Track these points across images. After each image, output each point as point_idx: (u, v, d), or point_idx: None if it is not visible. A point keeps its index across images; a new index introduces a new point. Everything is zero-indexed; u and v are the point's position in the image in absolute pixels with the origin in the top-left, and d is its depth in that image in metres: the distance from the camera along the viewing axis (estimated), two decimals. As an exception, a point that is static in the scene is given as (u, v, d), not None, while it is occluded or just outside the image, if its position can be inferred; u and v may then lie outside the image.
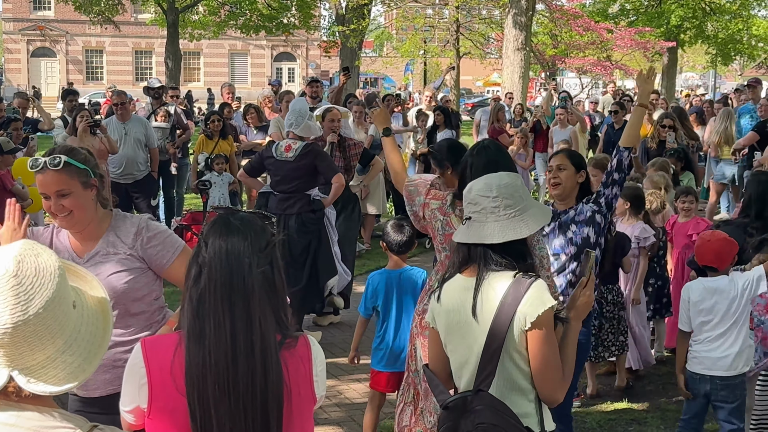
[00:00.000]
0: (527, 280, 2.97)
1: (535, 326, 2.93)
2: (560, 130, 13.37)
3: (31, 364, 1.78)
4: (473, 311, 3.02)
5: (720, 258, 5.03)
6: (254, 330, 2.36)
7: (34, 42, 60.35)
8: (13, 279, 1.76)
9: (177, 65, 31.64)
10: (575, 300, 3.15)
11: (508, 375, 3.02)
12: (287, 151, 7.43)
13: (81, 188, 3.38)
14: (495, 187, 3.10)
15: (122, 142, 10.10)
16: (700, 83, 61.87)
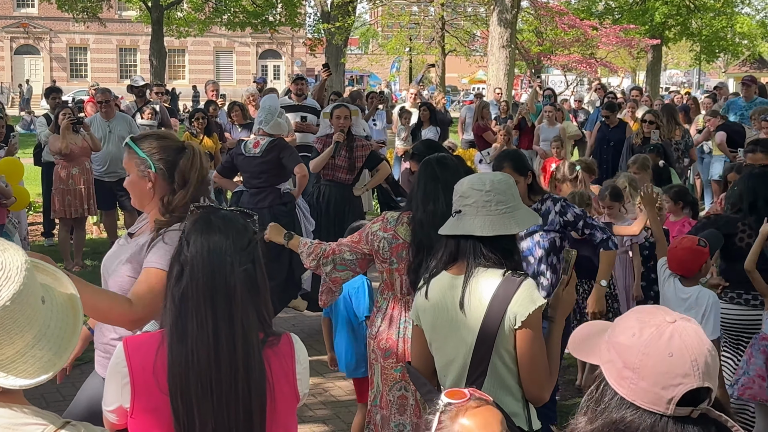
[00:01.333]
0: (517, 279, 2.96)
1: (525, 325, 2.93)
2: (548, 128, 13.36)
3: (1, 358, 1.77)
4: (461, 307, 3.01)
5: (684, 267, 4.94)
6: (236, 328, 2.35)
7: (18, 39, 59.92)
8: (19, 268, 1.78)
9: (162, 63, 31.53)
10: (558, 298, 3.16)
11: (497, 374, 3.02)
12: (255, 147, 7.59)
13: (136, 174, 3.33)
14: (489, 182, 3.10)
15: (106, 139, 10.07)
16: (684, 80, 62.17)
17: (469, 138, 15.91)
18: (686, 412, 1.78)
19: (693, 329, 1.84)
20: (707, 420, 1.80)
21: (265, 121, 7.66)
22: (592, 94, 19.52)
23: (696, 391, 1.78)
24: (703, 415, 1.79)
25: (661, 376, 1.78)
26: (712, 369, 1.80)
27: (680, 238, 5.11)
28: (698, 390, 1.78)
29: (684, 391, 1.77)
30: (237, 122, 12.23)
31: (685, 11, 36.18)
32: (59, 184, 9.58)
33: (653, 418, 1.79)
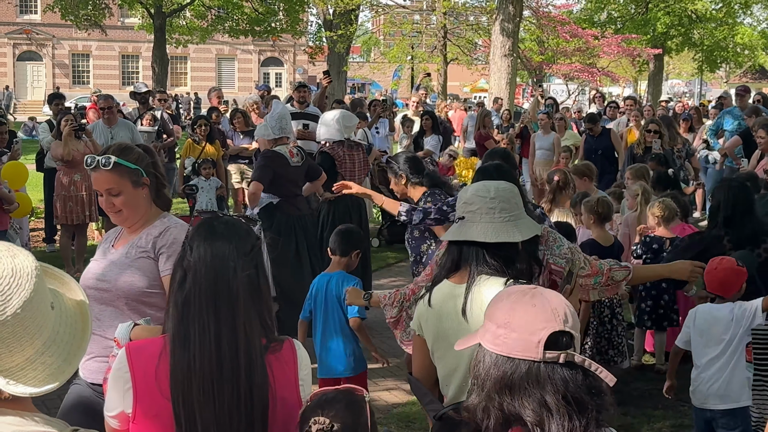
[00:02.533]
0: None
1: None
2: (543, 136, 13.34)
3: (10, 365, 1.75)
4: (464, 316, 2.99)
5: (725, 288, 5.00)
6: (239, 334, 2.35)
7: (20, 46, 60.08)
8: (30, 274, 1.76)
9: (164, 70, 31.58)
10: None
11: None
12: (293, 157, 7.54)
13: (131, 187, 3.44)
14: (493, 189, 3.10)
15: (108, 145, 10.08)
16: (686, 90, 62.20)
17: (470, 147, 15.91)
18: (555, 356, 1.98)
19: (553, 292, 2.12)
20: (574, 365, 1.99)
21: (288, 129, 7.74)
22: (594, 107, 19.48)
23: (560, 336, 2.00)
24: (571, 361, 1.99)
25: (528, 324, 2.00)
26: (572, 320, 2.04)
27: (719, 260, 5.12)
28: (561, 334, 2.00)
29: (548, 334, 1.98)
30: (239, 129, 12.24)
31: (687, 21, 36.25)
32: (61, 191, 9.58)
33: (528, 365, 1.98)
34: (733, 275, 5.00)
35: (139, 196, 3.48)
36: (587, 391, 1.99)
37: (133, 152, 3.49)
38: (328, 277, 5.39)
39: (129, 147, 3.56)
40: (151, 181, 3.51)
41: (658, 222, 6.93)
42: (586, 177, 8.16)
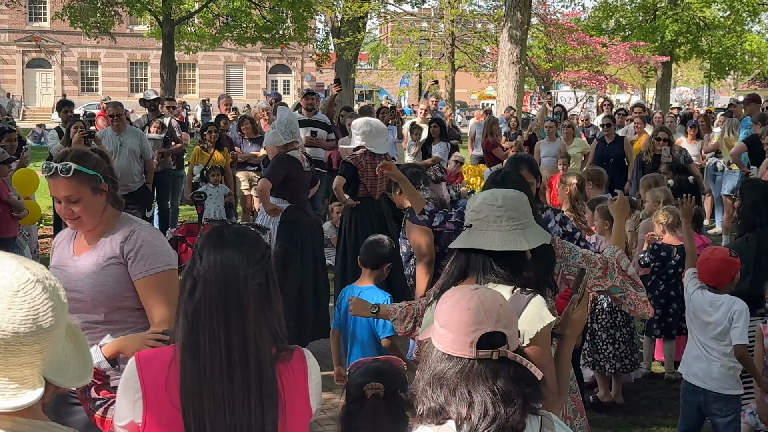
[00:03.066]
0: (526, 296, 2.94)
1: (533, 343, 2.89)
2: (548, 144, 13.29)
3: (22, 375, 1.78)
4: None
5: (717, 278, 5.01)
6: (249, 343, 2.35)
7: (30, 53, 60.36)
8: (38, 284, 1.79)
9: (172, 77, 31.67)
10: (568, 317, 3.12)
11: None
12: (304, 162, 7.63)
13: (90, 194, 3.45)
14: (501, 198, 3.10)
15: (117, 153, 10.05)
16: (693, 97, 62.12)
17: (478, 154, 15.91)
18: (487, 354, 2.21)
19: (491, 292, 2.36)
20: (507, 361, 2.22)
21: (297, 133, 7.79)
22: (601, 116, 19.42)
23: (492, 336, 2.22)
24: (504, 357, 2.21)
25: (463, 326, 2.23)
26: (505, 319, 2.27)
27: (711, 250, 5.14)
28: (494, 335, 2.22)
29: (480, 335, 2.21)
30: (247, 136, 12.24)
31: (695, 29, 36.22)
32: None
33: (463, 363, 2.22)
34: (725, 266, 5.00)
35: (98, 202, 3.48)
36: (517, 383, 2.21)
37: (91, 158, 3.50)
38: (359, 290, 5.23)
39: (86, 153, 3.55)
40: (108, 187, 3.52)
41: (663, 229, 6.91)
42: (593, 182, 8.08)
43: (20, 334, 1.74)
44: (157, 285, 3.40)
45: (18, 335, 1.74)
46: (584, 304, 3.11)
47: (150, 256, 3.43)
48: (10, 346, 1.74)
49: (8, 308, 1.74)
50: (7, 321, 1.73)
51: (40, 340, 1.77)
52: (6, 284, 1.76)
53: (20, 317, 1.74)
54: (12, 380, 1.76)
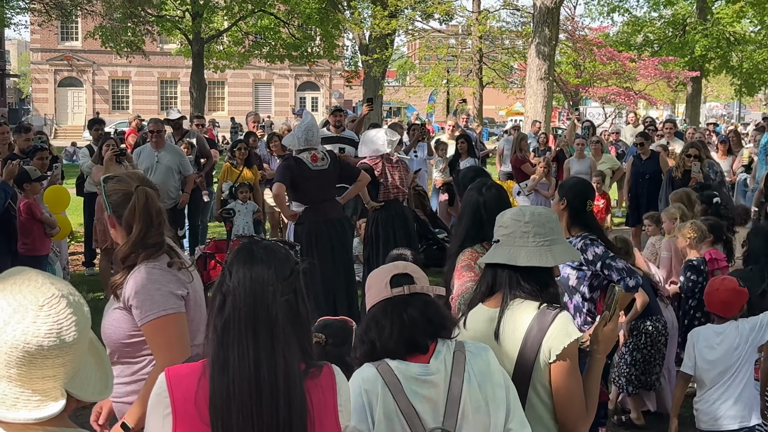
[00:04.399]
0: (552, 312, 2.94)
1: (560, 359, 2.90)
2: (577, 161, 13.21)
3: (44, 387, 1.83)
4: (496, 340, 3.00)
5: (727, 308, 4.96)
6: (278, 359, 2.34)
7: (61, 72, 61.13)
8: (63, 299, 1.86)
9: (201, 95, 31.97)
10: (598, 334, 3.11)
11: (534, 409, 2.98)
12: (316, 161, 7.61)
13: (106, 212, 3.56)
14: (528, 214, 3.11)
15: (153, 169, 10.07)
16: (724, 113, 61.65)
17: (507, 170, 15.87)
18: (400, 291, 2.71)
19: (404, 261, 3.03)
20: (418, 294, 2.71)
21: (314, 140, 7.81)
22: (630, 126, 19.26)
23: (403, 277, 2.73)
24: (415, 293, 2.71)
25: (379, 277, 2.78)
26: (411, 268, 2.79)
27: (720, 279, 5.07)
28: (404, 276, 2.74)
29: (391, 276, 2.74)
30: (276, 153, 12.31)
31: (725, 44, 35.96)
32: (101, 215, 9.67)
33: (385, 303, 2.72)
34: (735, 296, 4.96)
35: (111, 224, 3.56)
36: (425, 313, 2.70)
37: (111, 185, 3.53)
38: None
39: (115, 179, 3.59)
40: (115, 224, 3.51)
41: (690, 243, 6.84)
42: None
43: (44, 347, 1.79)
44: (153, 332, 3.38)
45: (42, 348, 1.78)
46: (615, 321, 3.10)
47: (144, 303, 3.37)
48: (34, 359, 1.78)
49: (33, 322, 1.78)
50: (32, 335, 1.78)
51: (63, 354, 1.81)
52: (32, 299, 1.81)
53: (44, 331, 1.79)
54: (35, 392, 1.80)
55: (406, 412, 2.62)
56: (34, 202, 8.22)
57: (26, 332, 1.77)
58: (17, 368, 1.78)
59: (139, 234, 3.42)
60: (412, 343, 2.68)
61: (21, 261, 7.97)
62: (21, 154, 9.62)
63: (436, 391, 2.65)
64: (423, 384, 2.64)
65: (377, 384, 2.65)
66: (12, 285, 1.84)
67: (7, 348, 1.77)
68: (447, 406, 2.64)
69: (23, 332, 1.77)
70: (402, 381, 2.63)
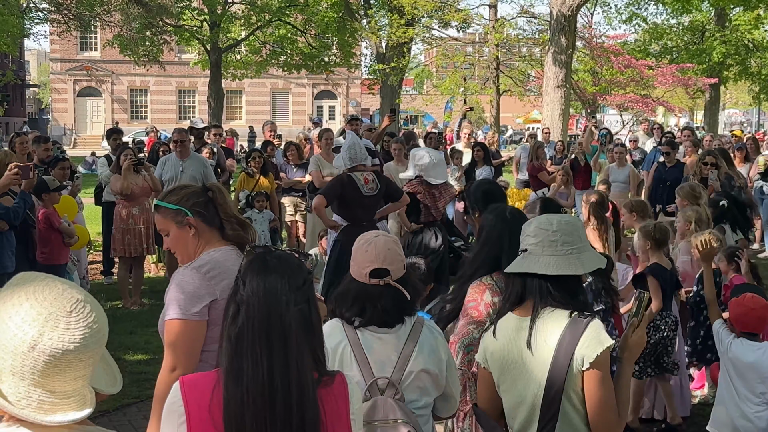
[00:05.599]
0: (584, 320, 2.95)
1: (593, 366, 2.90)
2: (617, 169, 13.06)
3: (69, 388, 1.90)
4: (528, 349, 3.01)
5: (761, 324, 4.99)
6: (291, 368, 2.36)
7: (81, 82, 61.54)
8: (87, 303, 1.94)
9: (219, 104, 32.11)
10: (627, 340, 3.11)
11: (567, 417, 2.99)
12: (367, 184, 7.78)
13: (176, 228, 3.56)
14: (556, 222, 3.12)
15: (177, 179, 10.07)
16: (743, 119, 61.27)
17: (524, 178, 15.86)
18: (377, 281, 3.23)
19: (384, 239, 3.33)
20: (390, 288, 3.22)
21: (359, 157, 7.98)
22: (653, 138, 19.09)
23: (380, 270, 3.22)
24: (388, 284, 3.22)
25: (361, 262, 3.27)
26: (390, 259, 3.25)
27: (744, 298, 5.04)
28: (381, 270, 3.22)
29: (371, 269, 3.23)
30: (293, 162, 12.35)
31: (744, 50, 35.76)
32: (120, 224, 9.74)
33: (362, 285, 3.26)
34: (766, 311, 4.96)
35: (184, 236, 3.56)
36: (396, 301, 3.23)
37: (177, 193, 3.61)
38: None
39: (176, 188, 3.67)
40: (200, 223, 3.56)
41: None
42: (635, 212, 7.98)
43: (78, 351, 1.86)
44: (166, 332, 3.44)
45: (76, 352, 1.86)
46: (643, 327, 3.10)
47: (169, 302, 3.45)
48: (70, 363, 1.85)
49: (66, 329, 1.85)
50: (68, 341, 1.85)
51: (93, 354, 1.90)
52: (59, 306, 1.87)
53: (78, 336, 1.86)
54: (68, 394, 1.88)
55: (360, 360, 3.19)
56: (53, 211, 8.28)
57: (62, 340, 1.84)
58: (53, 375, 1.85)
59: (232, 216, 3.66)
60: (383, 324, 3.25)
61: (40, 270, 8.01)
62: (40, 164, 9.70)
63: (390, 349, 3.22)
64: (380, 341, 3.23)
65: (339, 332, 3.26)
66: (35, 293, 1.88)
67: (45, 357, 1.83)
68: (398, 362, 3.20)
69: (60, 340, 1.84)
70: (360, 337, 3.23)
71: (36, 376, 1.83)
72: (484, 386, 3.29)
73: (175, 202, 3.56)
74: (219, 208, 3.62)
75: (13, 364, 1.82)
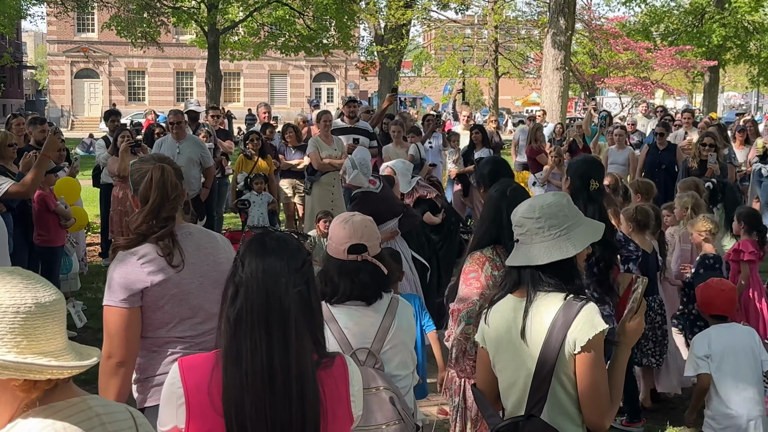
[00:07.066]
0: (578, 303, 2.93)
1: (584, 350, 2.89)
2: (617, 151, 12.96)
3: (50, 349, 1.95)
4: (522, 333, 3.00)
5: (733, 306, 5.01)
6: (291, 350, 2.35)
7: (78, 64, 61.36)
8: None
9: (217, 85, 31.99)
10: (625, 326, 3.09)
11: (557, 399, 2.98)
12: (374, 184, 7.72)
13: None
14: (538, 208, 3.08)
15: (174, 160, 10.05)
16: (742, 102, 61.22)
17: (522, 160, 15.83)
18: (354, 257, 3.40)
19: (360, 217, 3.48)
20: (368, 263, 3.40)
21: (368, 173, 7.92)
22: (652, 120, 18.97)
23: (358, 246, 3.39)
24: (366, 260, 3.39)
25: (339, 239, 3.43)
26: (367, 236, 3.43)
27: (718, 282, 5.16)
28: (358, 245, 3.39)
29: (348, 245, 3.39)
30: (291, 144, 12.32)
31: (743, 33, 35.68)
32: (117, 205, 9.72)
33: (339, 263, 3.42)
34: (735, 294, 4.99)
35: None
36: (373, 277, 3.40)
37: (134, 165, 3.66)
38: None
39: (140, 159, 3.70)
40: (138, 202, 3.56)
41: (706, 237, 6.78)
42: (640, 194, 7.98)
43: (57, 302, 1.95)
44: (103, 318, 3.41)
45: (57, 302, 1.95)
46: (641, 313, 3.08)
47: (106, 288, 3.43)
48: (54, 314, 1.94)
49: (37, 289, 1.94)
50: (46, 295, 1.94)
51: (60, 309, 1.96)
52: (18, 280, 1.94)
53: (51, 290, 1.95)
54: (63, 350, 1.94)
55: (336, 335, 3.36)
56: (48, 193, 8.25)
57: (37, 296, 1.92)
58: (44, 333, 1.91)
59: (153, 204, 3.45)
60: (363, 299, 3.41)
61: (37, 252, 8.02)
62: (36, 145, 9.67)
63: (370, 322, 3.40)
64: (358, 315, 3.41)
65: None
66: None
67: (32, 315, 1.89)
68: (378, 334, 3.39)
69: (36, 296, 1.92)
70: (335, 312, 3.40)
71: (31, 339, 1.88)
72: (482, 366, 3.30)
73: (131, 173, 3.64)
74: (145, 193, 3.57)
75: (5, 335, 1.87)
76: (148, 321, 3.41)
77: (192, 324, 3.47)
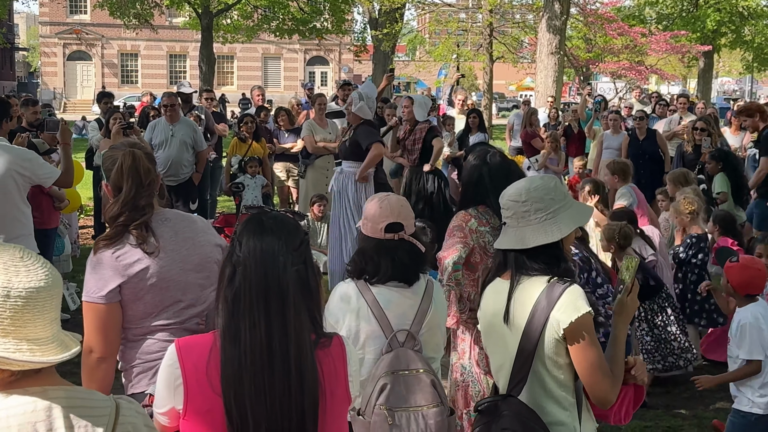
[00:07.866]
0: (561, 286, 2.93)
1: (571, 334, 2.89)
2: (612, 136, 12.80)
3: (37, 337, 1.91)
4: (506, 316, 3.01)
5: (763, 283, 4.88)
6: (289, 330, 2.34)
7: (70, 46, 61.07)
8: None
9: (211, 69, 31.87)
10: (621, 305, 3.08)
11: (542, 382, 2.99)
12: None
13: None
14: (524, 192, 3.07)
15: (168, 143, 9.97)
16: (736, 88, 61.27)
17: (516, 145, 15.82)
18: (391, 236, 3.41)
19: (395, 197, 3.55)
20: (405, 242, 3.42)
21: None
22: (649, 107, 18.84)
23: (395, 225, 3.41)
24: (402, 239, 3.41)
25: (376, 218, 3.43)
26: (404, 215, 3.45)
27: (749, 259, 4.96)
28: (395, 224, 3.41)
29: (386, 224, 3.41)
30: (284, 127, 12.28)
31: (738, 18, 35.65)
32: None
33: (376, 242, 3.43)
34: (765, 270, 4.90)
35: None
36: (411, 255, 3.43)
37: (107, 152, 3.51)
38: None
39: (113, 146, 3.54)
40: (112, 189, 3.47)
41: (692, 218, 6.76)
42: (617, 175, 7.92)
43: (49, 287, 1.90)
44: (83, 312, 3.34)
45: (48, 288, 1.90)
46: (635, 291, 3.08)
47: (85, 283, 3.36)
48: (45, 301, 1.89)
49: (28, 271, 1.89)
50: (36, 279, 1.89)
51: (59, 293, 1.94)
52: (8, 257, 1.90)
53: (42, 274, 1.90)
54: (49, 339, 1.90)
55: (378, 316, 3.36)
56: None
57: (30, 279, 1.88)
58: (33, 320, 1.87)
59: (129, 193, 3.33)
60: (404, 279, 3.43)
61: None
62: (29, 127, 9.61)
63: (409, 304, 3.41)
64: (399, 296, 3.41)
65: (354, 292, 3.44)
66: None
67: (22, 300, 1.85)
68: (416, 316, 3.40)
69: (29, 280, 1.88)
70: (376, 293, 3.39)
71: (17, 324, 1.84)
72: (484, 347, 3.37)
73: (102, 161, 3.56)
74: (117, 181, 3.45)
75: None
76: (131, 313, 3.33)
77: (176, 311, 3.36)
